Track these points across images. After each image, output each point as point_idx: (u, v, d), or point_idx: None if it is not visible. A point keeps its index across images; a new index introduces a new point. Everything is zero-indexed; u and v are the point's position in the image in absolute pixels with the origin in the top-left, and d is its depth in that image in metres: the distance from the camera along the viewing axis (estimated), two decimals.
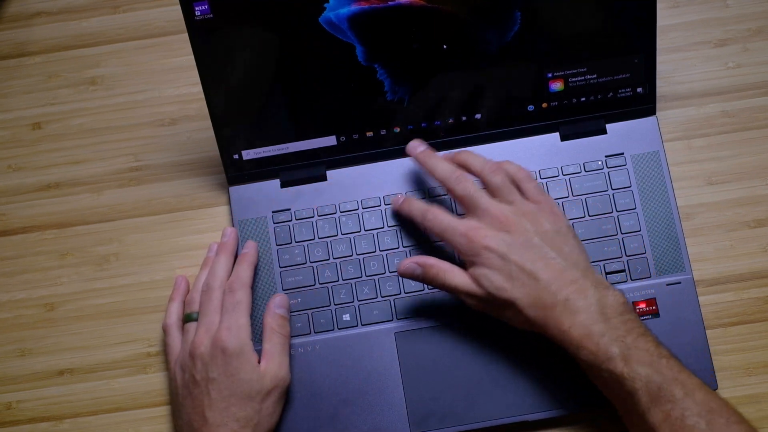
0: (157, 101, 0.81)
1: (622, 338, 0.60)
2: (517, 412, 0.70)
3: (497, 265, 0.63)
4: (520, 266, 0.63)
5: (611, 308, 0.61)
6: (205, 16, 0.69)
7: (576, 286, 0.62)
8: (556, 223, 0.65)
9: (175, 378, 0.68)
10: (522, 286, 0.63)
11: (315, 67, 0.72)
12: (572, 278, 0.62)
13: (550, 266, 0.63)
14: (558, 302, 0.61)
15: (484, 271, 0.64)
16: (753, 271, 0.74)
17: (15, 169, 0.80)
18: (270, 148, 0.75)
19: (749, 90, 0.78)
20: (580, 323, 0.61)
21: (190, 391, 0.66)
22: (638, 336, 0.60)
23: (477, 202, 0.66)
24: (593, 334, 0.60)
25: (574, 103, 0.75)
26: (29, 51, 0.83)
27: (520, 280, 0.62)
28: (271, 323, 0.69)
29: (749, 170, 0.76)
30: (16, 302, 0.77)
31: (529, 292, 0.62)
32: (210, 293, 0.69)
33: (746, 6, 0.79)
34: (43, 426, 0.74)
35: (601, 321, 0.60)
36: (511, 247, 0.63)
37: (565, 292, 0.62)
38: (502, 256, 0.63)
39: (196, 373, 0.66)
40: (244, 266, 0.71)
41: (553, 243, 0.64)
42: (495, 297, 0.64)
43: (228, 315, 0.67)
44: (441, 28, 0.70)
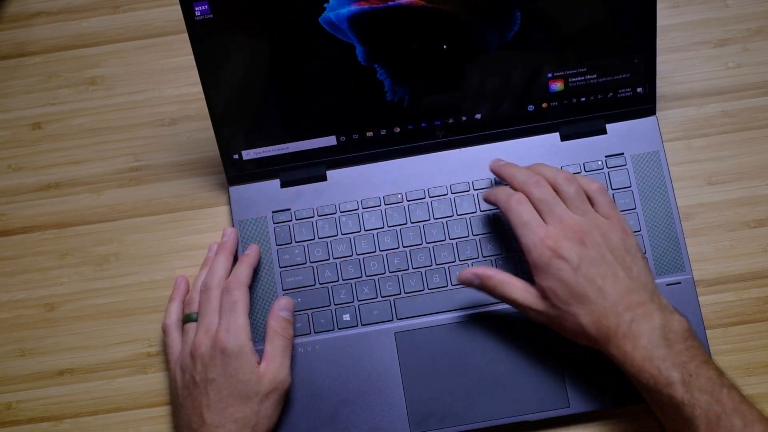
0: (157, 101, 0.81)
1: (684, 364, 0.59)
2: (517, 412, 0.70)
3: (567, 277, 0.62)
4: (590, 280, 0.61)
5: (675, 333, 0.60)
6: (205, 16, 0.69)
7: (642, 309, 0.61)
8: (626, 240, 0.64)
9: (176, 378, 0.68)
10: (588, 302, 0.61)
11: (315, 67, 0.72)
12: (639, 300, 0.61)
13: (618, 284, 0.61)
14: (622, 322, 0.60)
15: (552, 282, 0.62)
16: (753, 271, 0.74)
17: (15, 169, 0.80)
18: (270, 148, 0.75)
19: (749, 90, 0.78)
20: (642, 346, 0.60)
21: (189, 392, 0.66)
22: (701, 363, 0.59)
23: (553, 208, 0.64)
24: (655, 358, 0.59)
25: (574, 103, 0.75)
26: (29, 51, 0.83)
27: (588, 295, 0.61)
28: (274, 325, 0.69)
29: (749, 170, 0.76)
30: (16, 302, 0.77)
31: (595, 309, 0.61)
32: (209, 293, 0.69)
33: (746, 6, 0.79)
34: (43, 426, 0.74)
35: (664, 346, 0.59)
36: (583, 259, 0.62)
37: (631, 313, 0.61)
38: (574, 268, 0.62)
39: (195, 374, 0.66)
40: (243, 266, 0.71)
41: (623, 261, 0.63)
42: (559, 310, 0.62)
43: (226, 316, 0.67)
44: (441, 28, 0.70)
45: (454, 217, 0.74)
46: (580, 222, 0.63)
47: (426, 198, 0.75)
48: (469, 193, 0.75)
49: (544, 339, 0.70)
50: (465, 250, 0.73)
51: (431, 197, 0.75)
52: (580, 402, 0.70)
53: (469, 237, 0.74)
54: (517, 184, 0.67)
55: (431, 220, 0.74)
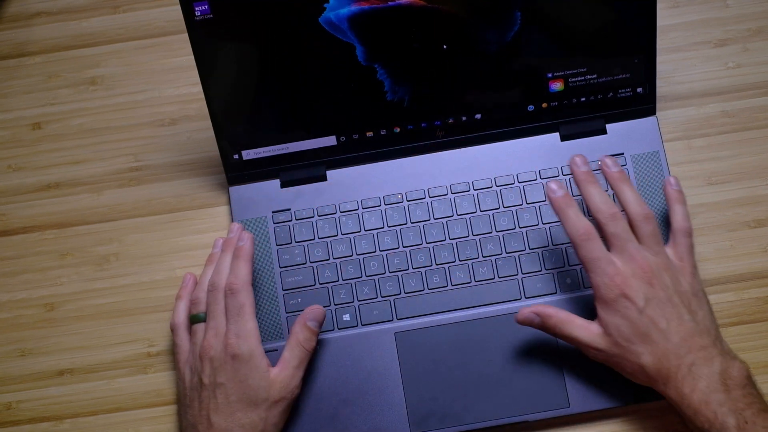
0: (157, 101, 0.81)
1: (741, 411, 0.59)
2: (517, 412, 0.70)
3: (632, 316, 0.62)
4: (655, 322, 0.62)
5: (734, 380, 0.60)
6: (205, 16, 0.69)
7: (704, 353, 0.61)
8: (693, 285, 0.64)
9: (184, 379, 0.68)
10: (651, 343, 0.61)
11: (315, 67, 0.72)
12: (702, 344, 0.61)
13: (683, 327, 0.62)
14: (683, 365, 0.61)
15: (617, 321, 0.62)
16: (753, 271, 0.74)
17: (15, 169, 0.80)
18: (270, 148, 0.75)
19: (749, 90, 0.78)
20: (700, 390, 0.60)
21: (197, 394, 0.66)
22: (758, 411, 0.59)
23: (625, 245, 0.64)
24: (712, 403, 0.59)
25: (574, 103, 0.75)
26: (29, 51, 0.83)
27: (651, 336, 0.61)
28: (298, 334, 0.68)
29: (749, 170, 0.76)
30: (16, 302, 0.77)
31: (657, 350, 0.61)
32: (216, 294, 0.68)
33: (746, 6, 0.79)
34: (43, 426, 0.74)
35: (722, 390, 0.59)
36: (649, 301, 0.62)
37: (692, 356, 0.61)
38: (640, 308, 0.62)
39: (204, 377, 0.65)
40: (241, 263, 0.69)
41: (690, 305, 0.63)
42: (621, 348, 0.62)
43: (234, 320, 0.66)
44: (441, 28, 0.70)
45: (454, 217, 0.74)
46: (651, 262, 0.63)
47: (426, 198, 0.75)
48: (469, 193, 0.75)
49: (544, 339, 0.70)
50: (465, 250, 0.73)
51: (431, 197, 0.75)
52: (580, 402, 0.70)
53: (469, 237, 0.74)
54: (593, 209, 0.65)
55: (431, 220, 0.74)
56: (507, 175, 0.75)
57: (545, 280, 0.72)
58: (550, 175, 0.75)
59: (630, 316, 0.62)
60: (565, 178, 0.74)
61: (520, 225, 0.74)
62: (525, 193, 0.74)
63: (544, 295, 0.72)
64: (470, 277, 0.73)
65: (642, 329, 0.61)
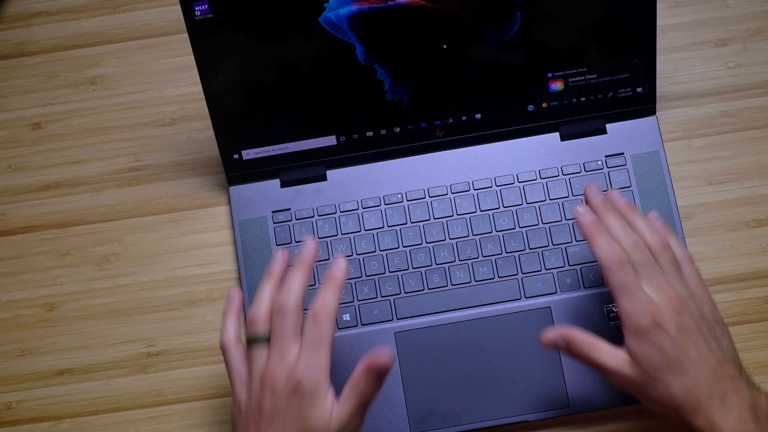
0: (157, 101, 0.81)
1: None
2: (517, 412, 0.70)
3: (664, 345, 0.60)
4: (686, 351, 0.60)
5: (762, 411, 0.59)
6: (205, 16, 0.69)
7: (733, 383, 0.60)
8: (715, 313, 0.64)
9: (239, 401, 0.63)
10: (682, 372, 0.60)
11: (315, 67, 0.72)
12: (730, 374, 0.60)
13: (712, 356, 0.61)
14: (714, 395, 0.60)
15: (647, 349, 0.61)
16: (753, 271, 0.74)
17: (15, 169, 0.80)
18: (270, 148, 0.75)
19: (749, 90, 0.78)
20: (732, 420, 0.59)
21: (254, 420, 0.61)
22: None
23: (652, 275, 0.62)
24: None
25: (574, 103, 0.75)
26: (29, 51, 0.83)
27: (682, 365, 0.60)
28: (359, 383, 0.61)
29: (749, 170, 0.76)
30: (16, 302, 0.77)
31: (687, 380, 0.60)
32: (284, 316, 0.61)
33: (746, 6, 0.79)
34: (43, 426, 0.74)
35: (752, 421, 0.59)
36: (681, 330, 0.61)
37: (723, 386, 0.60)
38: (672, 337, 0.60)
39: (263, 403, 0.61)
40: (332, 292, 0.62)
41: (715, 333, 0.62)
42: (650, 377, 0.61)
43: (308, 349, 0.60)
44: (441, 27, 0.70)
45: (454, 217, 0.74)
46: (678, 291, 0.62)
47: (426, 198, 0.75)
48: (469, 193, 0.75)
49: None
50: (465, 250, 0.73)
51: (431, 197, 0.75)
52: (580, 402, 0.70)
53: (469, 237, 0.74)
54: (616, 238, 0.64)
55: (431, 220, 0.75)
56: (507, 175, 0.75)
57: (545, 280, 0.73)
58: (550, 175, 0.75)
59: (662, 345, 0.60)
60: (565, 178, 0.74)
61: (520, 225, 0.74)
62: (525, 192, 0.74)
63: (544, 295, 0.72)
64: (470, 277, 0.73)
65: (674, 359, 0.60)
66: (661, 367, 0.60)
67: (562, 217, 0.74)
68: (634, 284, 0.62)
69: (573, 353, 0.63)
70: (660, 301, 0.61)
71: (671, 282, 0.62)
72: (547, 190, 0.74)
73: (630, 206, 0.66)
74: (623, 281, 0.62)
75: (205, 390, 0.74)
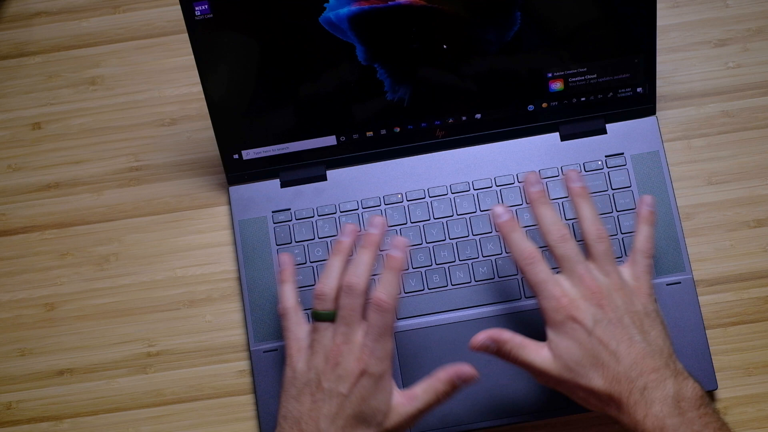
0: (157, 101, 0.81)
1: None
2: (517, 412, 0.70)
3: (580, 338, 0.60)
4: (605, 344, 0.60)
5: (688, 401, 0.58)
6: (205, 16, 0.69)
7: (656, 375, 0.59)
8: (647, 305, 0.63)
9: (295, 368, 0.63)
10: (601, 366, 0.60)
11: (315, 67, 0.72)
12: (654, 366, 0.59)
13: (633, 349, 0.60)
14: (635, 389, 0.59)
15: (565, 343, 0.61)
16: (753, 271, 0.74)
17: (15, 169, 0.80)
18: (270, 148, 0.75)
19: (749, 90, 0.78)
20: (654, 415, 0.58)
21: (311, 393, 0.62)
22: (715, 431, 0.58)
23: (574, 267, 0.62)
24: (667, 428, 0.57)
25: (574, 102, 0.75)
26: (29, 51, 0.83)
27: (601, 358, 0.60)
28: (440, 386, 0.63)
29: (749, 170, 0.76)
30: (16, 302, 0.77)
31: (607, 373, 0.60)
32: (353, 299, 0.62)
33: (746, 6, 0.79)
34: (43, 426, 0.74)
35: (676, 414, 0.58)
36: (598, 322, 0.60)
37: (644, 379, 0.59)
38: (588, 330, 0.60)
39: (324, 380, 0.61)
40: (394, 277, 0.63)
41: (642, 325, 0.61)
42: (572, 372, 0.61)
43: (374, 338, 0.61)
44: (441, 27, 0.70)
45: (454, 217, 0.74)
46: (600, 283, 0.62)
47: (426, 198, 0.75)
48: (469, 193, 0.75)
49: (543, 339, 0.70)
50: (465, 250, 0.73)
51: (431, 197, 0.75)
52: None
53: (469, 237, 0.74)
54: (543, 230, 0.64)
55: (431, 220, 0.74)
56: (507, 175, 0.75)
57: None
58: (550, 175, 0.75)
59: (579, 339, 0.60)
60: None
61: (520, 225, 0.74)
62: (525, 192, 0.74)
63: None
64: (470, 277, 0.73)
65: (592, 352, 0.60)
66: (580, 362, 0.60)
67: (562, 216, 0.74)
68: (548, 279, 0.62)
69: (502, 355, 0.63)
70: (577, 294, 0.61)
71: (594, 274, 0.62)
72: (548, 190, 0.74)
73: (582, 190, 0.66)
74: (537, 277, 0.62)
75: (205, 390, 0.74)
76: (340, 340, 0.62)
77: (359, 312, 0.62)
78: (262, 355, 0.72)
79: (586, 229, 0.64)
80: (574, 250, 0.63)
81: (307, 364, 0.63)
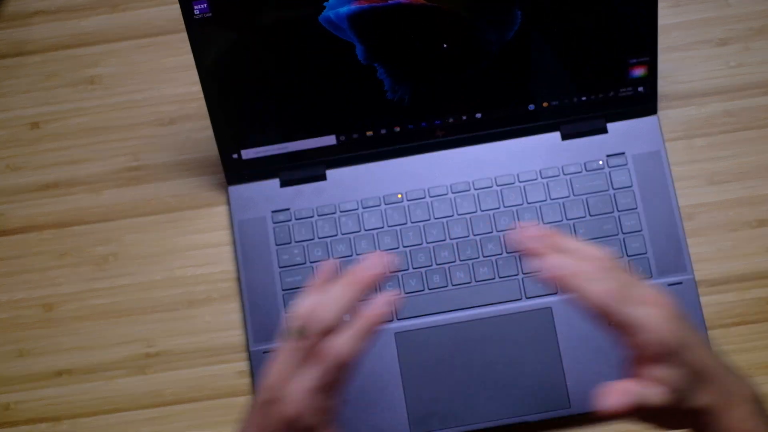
0: (157, 101, 0.81)
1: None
2: (517, 412, 0.70)
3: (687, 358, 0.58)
4: (701, 359, 0.58)
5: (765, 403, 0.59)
6: (204, 15, 0.68)
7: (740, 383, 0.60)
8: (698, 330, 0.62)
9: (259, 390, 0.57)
10: (705, 380, 0.58)
11: (315, 66, 0.71)
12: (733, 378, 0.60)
13: (718, 363, 0.59)
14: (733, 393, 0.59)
15: (673, 370, 0.57)
16: (755, 271, 0.73)
17: (14, 169, 0.80)
18: (270, 148, 0.75)
19: (751, 89, 0.77)
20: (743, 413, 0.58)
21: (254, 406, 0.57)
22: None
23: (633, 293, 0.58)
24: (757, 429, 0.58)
25: (575, 102, 0.75)
26: (28, 50, 0.82)
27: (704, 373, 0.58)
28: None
29: (751, 170, 0.76)
30: (15, 302, 0.77)
31: (711, 386, 0.58)
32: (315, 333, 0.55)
33: (747, 5, 0.79)
34: (41, 427, 0.74)
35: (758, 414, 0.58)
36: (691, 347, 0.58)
37: (730, 383, 0.59)
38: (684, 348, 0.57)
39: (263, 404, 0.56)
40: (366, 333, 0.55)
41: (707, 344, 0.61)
42: (682, 395, 0.58)
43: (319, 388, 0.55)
44: (441, 27, 0.70)
45: (454, 217, 0.74)
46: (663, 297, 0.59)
47: (426, 198, 0.75)
48: (469, 193, 0.75)
49: (544, 339, 0.70)
50: (465, 250, 0.73)
51: (431, 197, 0.75)
52: (581, 402, 0.69)
53: (469, 237, 0.74)
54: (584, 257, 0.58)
55: (431, 220, 0.74)
56: (507, 175, 0.75)
57: None
58: (551, 175, 0.74)
59: (684, 359, 0.58)
60: (566, 178, 0.74)
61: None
62: (525, 192, 0.74)
63: (544, 296, 0.72)
64: (470, 277, 0.73)
65: (698, 368, 0.58)
66: (689, 382, 0.58)
67: (563, 216, 0.74)
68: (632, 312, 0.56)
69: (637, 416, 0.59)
70: (658, 316, 0.57)
71: (647, 290, 0.58)
72: (548, 190, 0.74)
73: (558, 232, 0.58)
74: (627, 312, 0.56)
75: (205, 390, 0.74)
76: (288, 372, 0.55)
77: (319, 349, 0.55)
78: (261, 356, 0.72)
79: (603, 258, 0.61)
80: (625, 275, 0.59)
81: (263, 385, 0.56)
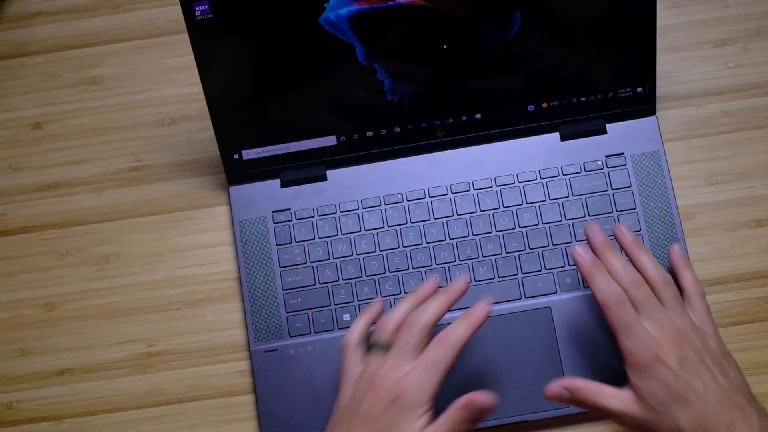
0: (157, 101, 0.81)
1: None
2: (517, 412, 0.70)
3: (666, 379, 0.60)
4: (690, 385, 0.60)
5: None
6: (205, 16, 0.69)
7: (741, 412, 0.59)
8: (720, 345, 0.64)
9: (343, 398, 0.63)
10: (687, 405, 0.60)
11: (315, 67, 0.72)
12: (738, 403, 0.60)
13: (718, 387, 0.60)
14: (721, 425, 0.59)
15: (650, 384, 0.61)
16: (753, 271, 0.74)
17: (15, 169, 0.80)
18: (270, 148, 0.75)
19: (749, 90, 0.77)
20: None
21: (348, 419, 0.61)
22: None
23: (652, 310, 0.63)
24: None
25: (574, 102, 0.75)
26: (29, 51, 0.83)
27: (688, 398, 0.60)
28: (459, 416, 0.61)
29: (749, 170, 0.76)
30: (16, 302, 0.77)
31: (694, 412, 0.60)
32: (410, 330, 0.62)
33: (746, 6, 0.79)
34: (43, 426, 0.74)
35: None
36: (683, 363, 0.61)
37: (730, 415, 0.59)
38: (674, 371, 0.60)
39: (362, 404, 0.61)
40: (464, 326, 0.63)
41: (721, 364, 0.62)
42: (657, 413, 0.61)
43: (422, 367, 0.61)
44: (441, 28, 0.70)
45: (454, 217, 0.74)
46: (679, 325, 0.62)
47: (426, 198, 0.75)
48: (469, 193, 0.75)
49: (544, 339, 0.70)
50: (465, 250, 0.73)
51: (431, 197, 0.75)
52: None
53: (469, 237, 0.74)
54: (616, 276, 0.64)
55: (431, 220, 0.74)
56: (507, 175, 0.75)
57: (545, 280, 0.73)
58: (550, 175, 0.75)
59: (665, 380, 0.60)
60: (565, 178, 0.74)
61: (520, 225, 0.74)
62: (525, 192, 0.74)
63: (544, 295, 0.72)
64: (471, 277, 0.73)
65: (678, 392, 0.60)
66: (666, 401, 0.60)
67: (562, 217, 0.74)
68: (633, 321, 0.62)
69: (578, 402, 0.63)
70: (660, 336, 0.61)
71: (672, 317, 0.63)
72: (547, 190, 0.74)
73: (635, 241, 0.67)
74: (622, 319, 0.62)
75: (205, 390, 0.74)
76: (386, 368, 0.61)
77: (413, 346, 0.62)
78: (262, 355, 0.72)
79: (652, 276, 0.65)
80: (650, 294, 0.63)
81: (353, 392, 0.63)
